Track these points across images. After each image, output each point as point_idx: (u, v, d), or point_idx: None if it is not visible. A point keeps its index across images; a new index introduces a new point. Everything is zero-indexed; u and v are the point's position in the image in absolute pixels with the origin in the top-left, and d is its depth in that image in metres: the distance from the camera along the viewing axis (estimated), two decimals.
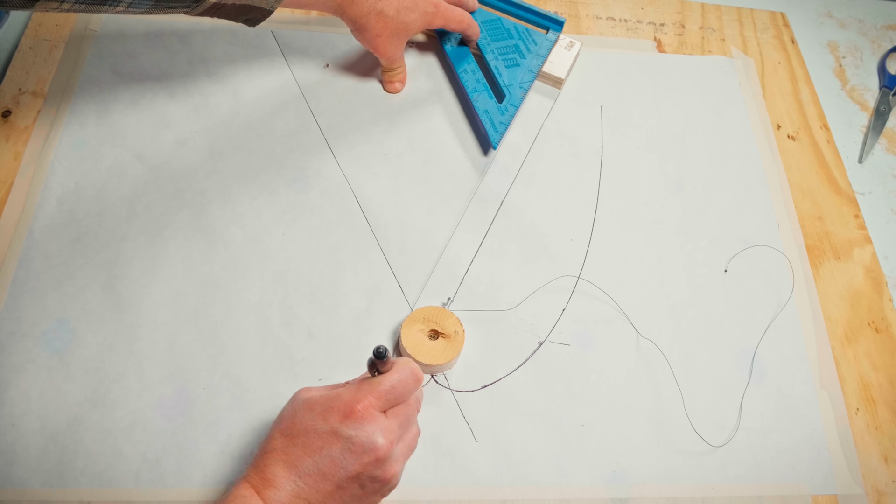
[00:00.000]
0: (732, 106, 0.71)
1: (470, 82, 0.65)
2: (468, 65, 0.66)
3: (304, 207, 0.58)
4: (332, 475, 0.39)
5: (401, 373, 0.42)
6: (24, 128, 0.60)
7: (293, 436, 0.40)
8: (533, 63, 0.67)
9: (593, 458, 0.50)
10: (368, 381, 0.42)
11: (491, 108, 0.63)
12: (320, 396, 0.41)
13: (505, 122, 0.63)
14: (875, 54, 0.80)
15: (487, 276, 0.57)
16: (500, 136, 0.62)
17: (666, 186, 0.64)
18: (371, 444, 0.39)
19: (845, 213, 0.65)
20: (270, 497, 0.38)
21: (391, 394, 0.41)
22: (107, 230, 0.55)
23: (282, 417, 0.42)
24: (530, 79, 0.66)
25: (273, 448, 0.40)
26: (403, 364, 0.43)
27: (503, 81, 0.65)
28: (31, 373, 0.49)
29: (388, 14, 0.58)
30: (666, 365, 0.54)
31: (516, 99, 0.64)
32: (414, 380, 0.43)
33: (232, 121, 0.62)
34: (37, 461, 0.46)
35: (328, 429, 0.39)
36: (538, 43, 0.68)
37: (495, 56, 0.67)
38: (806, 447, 0.52)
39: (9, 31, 0.67)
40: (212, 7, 0.48)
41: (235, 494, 0.39)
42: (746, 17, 0.79)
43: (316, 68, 0.67)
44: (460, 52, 0.67)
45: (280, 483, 0.39)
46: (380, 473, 0.40)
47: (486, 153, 0.63)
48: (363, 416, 0.40)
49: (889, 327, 0.59)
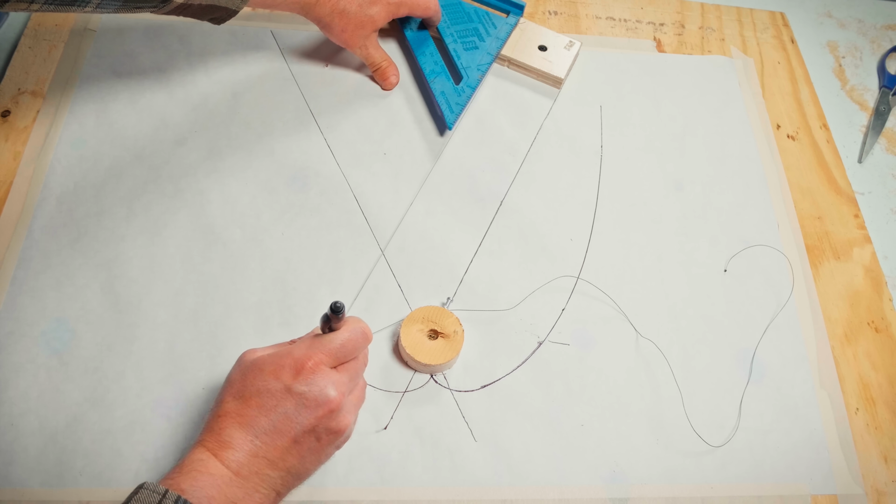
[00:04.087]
0: (732, 106, 0.71)
1: (428, 65, 0.66)
2: (427, 48, 0.68)
3: (304, 207, 0.58)
4: (288, 431, 0.40)
5: (351, 331, 0.43)
6: (23, 128, 0.60)
7: (246, 397, 0.41)
8: (492, 46, 0.68)
9: (593, 457, 0.50)
10: (319, 339, 0.43)
11: (448, 89, 0.64)
12: (268, 356, 0.42)
13: (461, 104, 0.64)
14: (875, 54, 0.80)
15: (487, 276, 0.57)
16: (455, 116, 0.63)
17: (665, 186, 0.64)
18: (324, 397, 0.40)
19: (845, 213, 0.65)
20: (228, 458, 0.39)
21: (341, 351, 0.43)
22: (106, 230, 0.55)
23: (231, 381, 0.42)
24: (488, 61, 0.67)
25: (226, 412, 0.41)
26: (353, 322, 0.44)
27: (461, 64, 0.66)
28: (31, 372, 0.49)
29: (351, 11, 0.60)
30: (665, 365, 0.54)
31: (473, 80, 0.65)
32: (363, 338, 0.44)
33: (231, 120, 0.62)
34: (36, 461, 0.46)
35: (281, 387, 0.40)
36: (497, 26, 0.69)
37: (454, 39, 0.68)
38: (805, 447, 0.52)
39: (8, 31, 0.67)
40: (179, 7, 0.49)
41: (192, 458, 0.39)
42: (746, 17, 0.79)
43: (316, 68, 0.67)
44: (420, 35, 0.68)
45: (237, 444, 0.39)
46: (334, 425, 0.41)
47: (443, 134, 0.64)
48: (314, 371, 0.41)
49: (889, 327, 0.59)
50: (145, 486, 0.37)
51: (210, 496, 0.37)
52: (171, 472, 0.39)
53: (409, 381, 0.51)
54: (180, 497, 0.36)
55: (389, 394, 0.51)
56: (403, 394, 0.51)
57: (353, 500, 0.47)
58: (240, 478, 0.39)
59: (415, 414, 0.50)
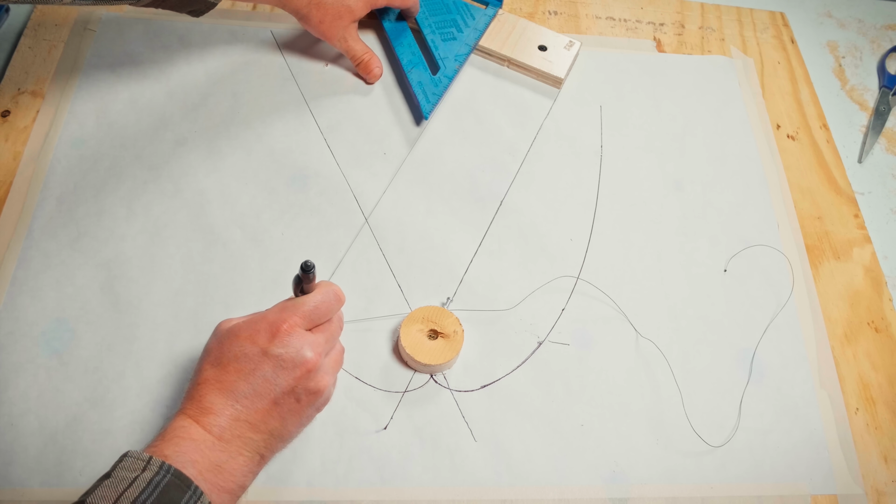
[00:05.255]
0: (732, 106, 0.71)
1: (406, 55, 0.66)
2: (405, 39, 0.68)
3: (304, 207, 0.58)
4: (268, 393, 0.40)
5: (324, 293, 0.44)
6: (23, 127, 0.60)
7: (224, 364, 0.41)
8: (469, 37, 0.68)
9: (592, 457, 0.50)
10: (292, 302, 0.43)
11: (425, 79, 0.65)
12: (243, 322, 0.43)
13: (438, 94, 0.64)
14: (875, 54, 0.80)
15: (487, 276, 0.57)
16: (432, 106, 0.63)
17: (665, 186, 0.64)
18: (301, 358, 0.41)
19: (845, 213, 0.65)
20: (210, 423, 0.39)
21: (315, 313, 0.43)
22: (106, 230, 0.55)
23: (208, 350, 0.43)
24: (466, 52, 0.67)
25: (205, 379, 0.41)
26: (326, 285, 0.45)
27: (439, 54, 0.67)
28: (30, 372, 0.49)
29: (328, 1, 0.60)
30: (665, 365, 0.54)
31: (450, 71, 0.66)
32: (336, 300, 0.45)
33: (231, 120, 0.62)
34: (36, 461, 0.46)
35: (257, 350, 0.41)
36: (476, 18, 0.70)
37: (432, 30, 0.68)
38: (805, 447, 0.52)
39: (8, 31, 0.67)
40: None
41: (174, 426, 0.39)
42: (746, 17, 0.79)
43: (316, 68, 0.67)
44: (398, 27, 0.69)
45: (218, 409, 0.40)
46: (312, 385, 0.42)
47: (419, 123, 0.64)
48: (289, 333, 0.41)
49: (889, 327, 0.59)
50: (129, 455, 0.37)
51: (194, 460, 0.38)
52: (154, 441, 0.39)
53: (409, 381, 0.51)
54: (164, 462, 0.37)
55: (389, 394, 0.51)
56: (403, 394, 0.51)
57: (353, 500, 0.47)
58: (222, 442, 0.39)
59: (415, 414, 0.50)
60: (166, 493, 0.35)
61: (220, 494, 0.39)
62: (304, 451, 0.48)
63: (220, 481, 0.39)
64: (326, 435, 0.49)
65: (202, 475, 0.38)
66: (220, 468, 0.39)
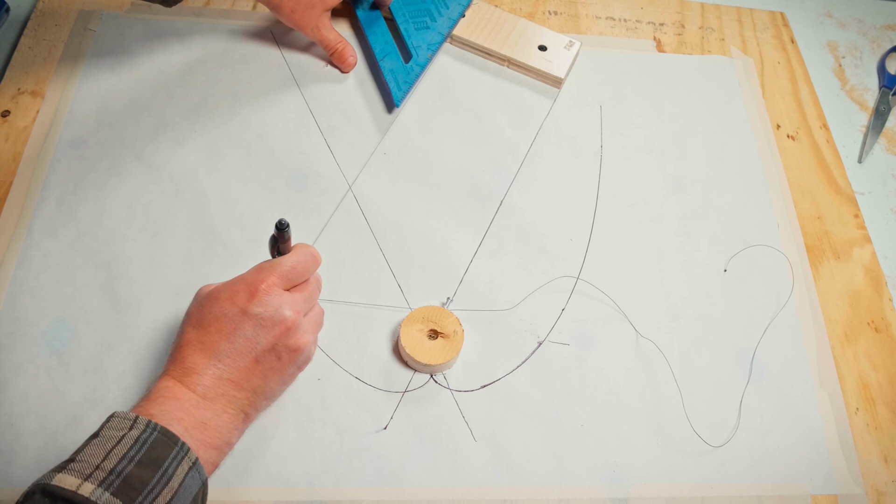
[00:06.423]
0: (732, 106, 0.71)
1: (378, 44, 0.67)
2: (378, 28, 0.68)
3: (304, 207, 0.58)
4: (249, 351, 0.41)
5: (300, 254, 0.45)
6: (23, 128, 0.60)
7: (205, 325, 0.42)
8: (443, 25, 0.68)
9: (592, 457, 0.50)
10: (270, 262, 0.44)
11: (397, 67, 0.65)
12: (222, 285, 0.44)
13: (409, 82, 0.64)
14: (875, 54, 0.80)
15: (487, 276, 0.57)
16: (403, 94, 0.63)
17: (665, 186, 0.64)
18: (280, 316, 0.42)
19: (845, 213, 0.65)
20: (194, 382, 0.40)
21: (292, 273, 0.44)
22: (106, 230, 0.55)
23: (189, 314, 0.44)
24: (439, 40, 0.68)
25: (187, 341, 0.42)
26: (302, 246, 0.46)
27: (411, 43, 0.67)
28: (30, 372, 0.49)
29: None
30: (665, 365, 0.54)
31: (423, 59, 0.66)
32: (313, 260, 0.46)
33: (231, 120, 0.62)
34: (36, 461, 0.46)
35: (237, 310, 0.42)
36: (450, 7, 0.70)
37: (406, 18, 0.68)
38: (805, 447, 0.52)
39: (8, 31, 0.67)
40: None
41: (159, 387, 0.40)
42: (746, 17, 0.79)
43: (316, 68, 0.67)
44: (372, 15, 0.69)
45: (201, 369, 0.40)
46: (292, 343, 0.43)
47: (391, 111, 0.65)
48: (268, 293, 0.42)
49: (889, 327, 0.59)
50: (116, 415, 0.38)
51: (179, 418, 0.38)
52: (140, 402, 0.40)
53: (409, 381, 0.51)
54: (151, 420, 0.37)
55: (389, 394, 0.51)
56: (403, 394, 0.51)
57: (353, 500, 0.47)
58: (206, 400, 0.40)
59: (415, 414, 0.50)
60: (154, 450, 0.36)
61: (207, 450, 0.39)
62: (304, 451, 0.48)
63: (206, 437, 0.39)
64: (326, 435, 0.49)
65: (188, 432, 0.38)
66: (205, 425, 0.39)
